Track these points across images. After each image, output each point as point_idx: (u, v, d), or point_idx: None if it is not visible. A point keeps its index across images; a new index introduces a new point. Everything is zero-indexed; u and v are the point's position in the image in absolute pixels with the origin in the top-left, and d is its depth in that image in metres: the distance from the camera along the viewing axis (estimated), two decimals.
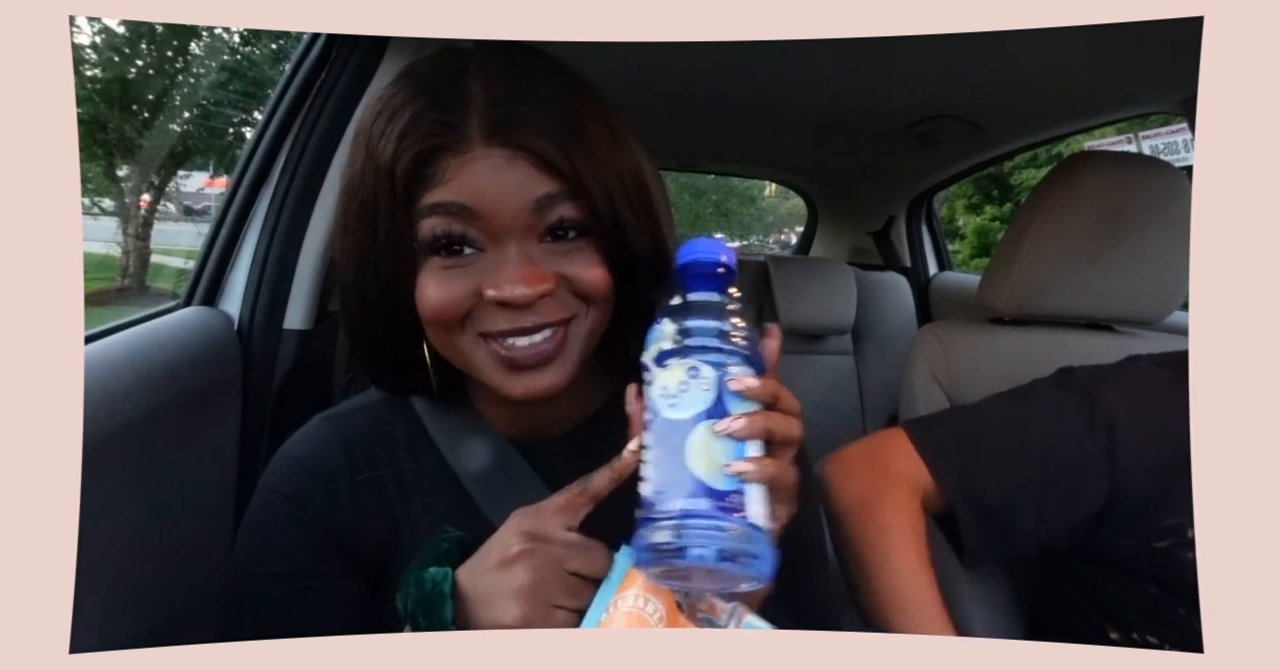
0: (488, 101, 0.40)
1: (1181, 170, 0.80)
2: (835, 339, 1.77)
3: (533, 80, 0.42)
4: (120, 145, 1.37)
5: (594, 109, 0.43)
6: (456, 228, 0.41)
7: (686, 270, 0.39)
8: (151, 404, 0.64)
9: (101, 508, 0.42)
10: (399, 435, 0.51)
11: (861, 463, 0.66)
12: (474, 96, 0.40)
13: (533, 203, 0.40)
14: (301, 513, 0.48)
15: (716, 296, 0.39)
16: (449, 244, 0.41)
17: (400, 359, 0.47)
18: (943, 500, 0.63)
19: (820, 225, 2.35)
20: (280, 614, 0.47)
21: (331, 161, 0.82)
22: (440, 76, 0.42)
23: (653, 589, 0.37)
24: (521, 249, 0.41)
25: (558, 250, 0.42)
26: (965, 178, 1.91)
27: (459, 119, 0.40)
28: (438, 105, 0.40)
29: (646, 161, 0.47)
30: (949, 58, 1.09)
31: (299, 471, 0.50)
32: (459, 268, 0.42)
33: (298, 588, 0.48)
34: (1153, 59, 0.94)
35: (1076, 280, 0.82)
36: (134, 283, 1.38)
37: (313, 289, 0.84)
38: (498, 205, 0.40)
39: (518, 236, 0.41)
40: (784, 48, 1.04)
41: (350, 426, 0.51)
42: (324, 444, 0.50)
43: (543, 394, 0.43)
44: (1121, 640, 0.61)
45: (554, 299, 0.42)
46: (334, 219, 0.46)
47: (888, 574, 0.60)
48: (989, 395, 0.70)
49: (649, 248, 0.45)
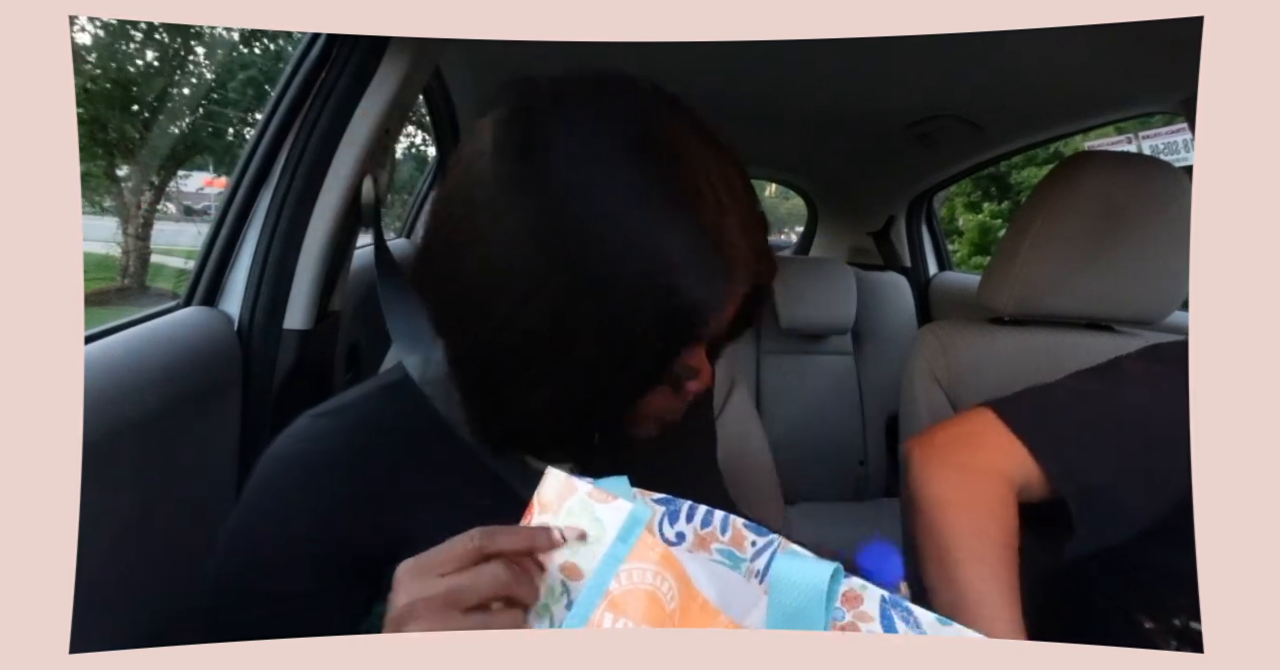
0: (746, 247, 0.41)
1: (1181, 170, 0.80)
2: (835, 339, 1.78)
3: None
4: (120, 145, 1.37)
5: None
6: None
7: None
8: (151, 404, 0.64)
9: (101, 508, 0.42)
10: (407, 426, 0.48)
11: (951, 448, 0.61)
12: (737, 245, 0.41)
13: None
14: (297, 518, 0.45)
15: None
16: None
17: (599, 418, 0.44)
18: (1047, 486, 0.58)
19: (820, 225, 2.35)
20: (270, 633, 0.42)
21: (331, 161, 0.82)
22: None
23: (668, 561, 0.35)
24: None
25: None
26: (965, 177, 1.91)
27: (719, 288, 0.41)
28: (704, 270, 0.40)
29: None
30: (949, 58, 1.09)
31: (295, 468, 0.46)
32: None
33: (292, 609, 0.44)
34: (1153, 59, 0.94)
35: (1076, 280, 0.82)
36: (134, 283, 1.38)
37: (313, 289, 0.84)
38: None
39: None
40: (784, 48, 1.04)
41: (349, 419, 0.48)
42: (320, 440, 0.47)
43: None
44: (1158, 629, 0.58)
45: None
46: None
47: (972, 585, 0.54)
48: (1066, 376, 0.66)
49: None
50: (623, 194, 0.37)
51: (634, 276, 0.37)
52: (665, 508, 0.42)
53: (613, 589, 0.35)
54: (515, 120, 0.39)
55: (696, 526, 0.42)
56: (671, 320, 0.38)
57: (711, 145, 0.40)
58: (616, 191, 0.37)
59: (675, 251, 0.37)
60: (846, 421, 1.76)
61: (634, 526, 0.36)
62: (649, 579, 0.35)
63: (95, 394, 0.54)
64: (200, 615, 0.47)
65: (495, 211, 0.38)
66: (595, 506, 0.36)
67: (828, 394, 1.75)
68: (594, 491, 0.37)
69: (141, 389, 0.63)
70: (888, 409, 1.75)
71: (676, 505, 0.43)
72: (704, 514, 0.42)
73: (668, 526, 0.42)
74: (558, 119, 0.38)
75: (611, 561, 0.35)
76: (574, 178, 0.37)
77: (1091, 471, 0.58)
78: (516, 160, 0.38)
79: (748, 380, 1.70)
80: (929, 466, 0.60)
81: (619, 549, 0.35)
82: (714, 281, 0.38)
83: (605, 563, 0.35)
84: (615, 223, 0.37)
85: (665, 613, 0.35)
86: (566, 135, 0.38)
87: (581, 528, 0.36)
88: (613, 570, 0.35)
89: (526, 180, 0.37)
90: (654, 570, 0.35)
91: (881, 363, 1.78)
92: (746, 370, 1.72)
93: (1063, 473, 0.58)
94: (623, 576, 0.35)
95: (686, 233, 0.37)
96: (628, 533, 0.35)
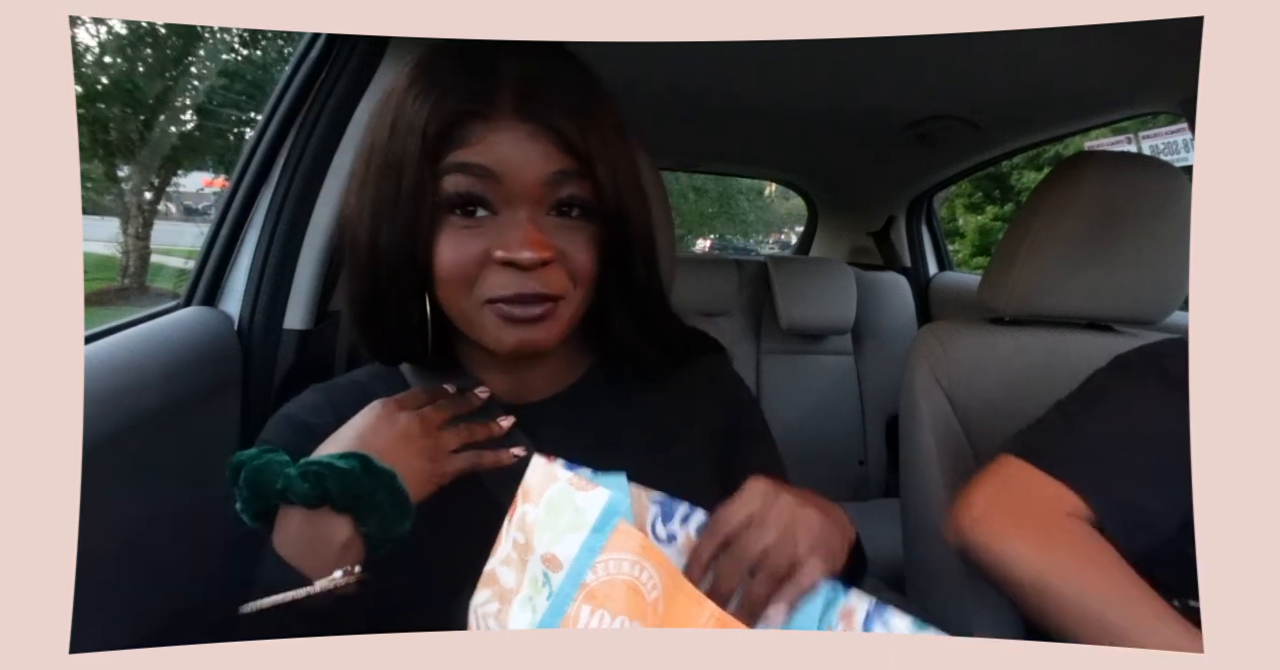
0: (520, 78, 0.44)
1: (1181, 170, 0.80)
2: (835, 339, 1.77)
3: (560, 65, 0.46)
4: (120, 145, 1.37)
5: (608, 101, 0.47)
6: (477, 188, 0.44)
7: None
8: (151, 404, 0.64)
9: (101, 508, 0.42)
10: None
11: (1012, 515, 0.59)
12: (507, 72, 0.44)
13: (548, 175, 0.44)
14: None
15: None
16: (466, 203, 0.44)
17: (401, 319, 0.48)
18: (1094, 518, 0.58)
19: (820, 225, 2.35)
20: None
21: (331, 161, 0.82)
22: (476, 52, 0.45)
23: (648, 550, 0.35)
24: (531, 216, 0.44)
25: (561, 225, 0.46)
26: (965, 178, 1.91)
27: (492, 89, 0.43)
28: (474, 75, 0.44)
29: (645, 157, 0.50)
30: (949, 58, 1.09)
31: (290, 427, 0.52)
32: (473, 228, 0.45)
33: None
34: (1153, 59, 0.94)
35: (1076, 280, 0.82)
36: (134, 283, 1.38)
37: (313, 289, 0.84)
38: (517, 172, 0.44)
39: (529, 204, 0.44)
40: (784, 48, 1.04)
41: (341, 395, 0.53)
42: (315, 409, 0.52)
43: (535, 347, 0.47)
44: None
45: (550, 271, 0.45)
46: (350, 176, 0.49)
47: (1138, 608, 0.53)
48: (1055, 406, 0.67)
49: (641, 236, 0.49)
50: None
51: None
52: (660, 507, 0.42)
53: (589, 581, 0.34)
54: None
55: (690, 531, 0.42)
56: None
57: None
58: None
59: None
60: (846, 421, 1.76)
61: (610, 516, 0.35)
62: (627, 569, 0.34)
63: (95, 394, 0.54)
64: (202, 613, 0.48)
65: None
66: (576, 494, 0.36)
67: (827, 394, 1.75)
68: (574, 479, 0.36)
69: (141, 389, 0.63)
70: (887, 409, 1.75)
71: (673, 506, 0.42)
72: (701, 520, 0.42)
73: (660, 526, 0.42)
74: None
75: (587, 553, 0.34)
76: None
77: (1123, 492, 0.59)
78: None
79: (747, 380, 1.70)
80: (1004, 541, 0.58)
81: (594, 540, 0.35)
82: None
83: (581, 554, 0.34)
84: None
85: (646, 603, 0.34)
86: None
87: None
88: (588, 562, 0.34)
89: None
90: (632, 559, 0.34)
91: (881, 363, 1.78)
92: (746, 370, 1.72)
93: (1109, 504, 0.59)
94: (599, 567, 0.34)
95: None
96: (603, 523, 0.35)
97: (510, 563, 0.38)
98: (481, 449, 0.49)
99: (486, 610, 0.38)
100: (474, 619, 0.38)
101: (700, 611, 0.36)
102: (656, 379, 0.56)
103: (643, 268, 0.50)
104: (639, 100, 1.37)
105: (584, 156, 0.44)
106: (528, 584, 0.36)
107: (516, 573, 0.37)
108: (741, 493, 0.42)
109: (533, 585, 0.36)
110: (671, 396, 0.57)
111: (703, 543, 0.40)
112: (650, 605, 0.34)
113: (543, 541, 0.36)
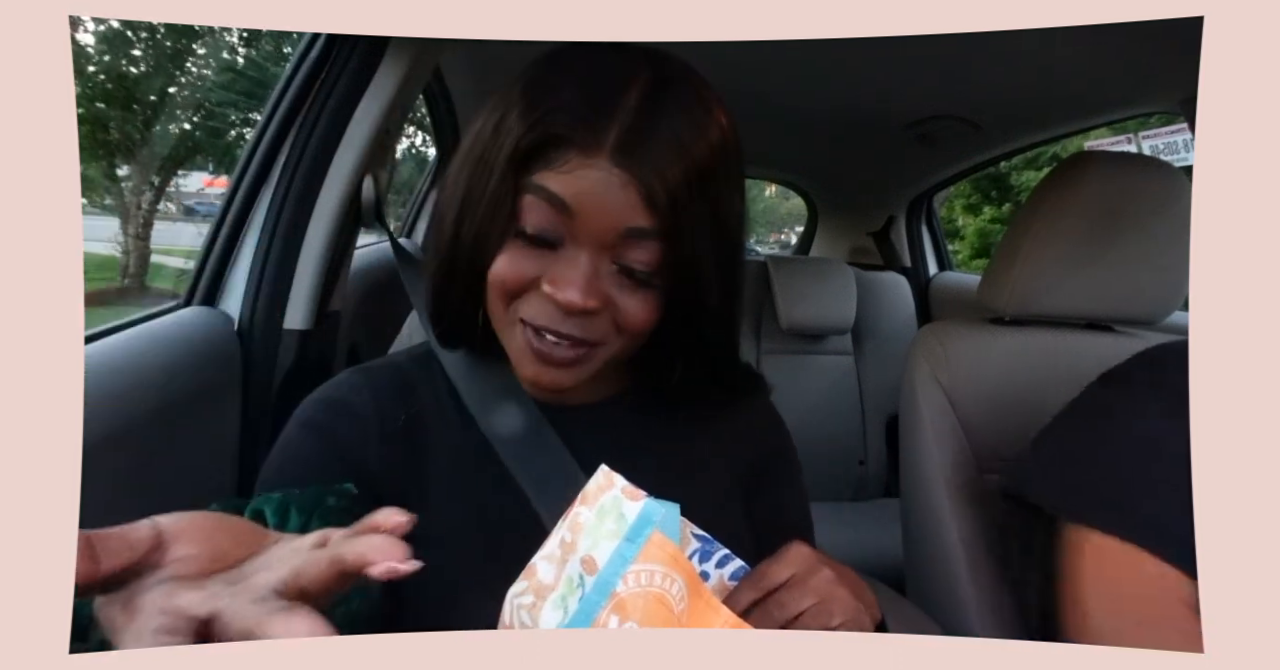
0: (636, 115, 0.41)
1: (1181, 170, 0.80)
2: (835, 339, 1.78)
3: (680, 118, 0.42)
4: (120, 145, 1.37)
5: (726, 157, 0.44)
6: (548, 218, 0.42)
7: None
8: (151, 404, 0.64)
9: (101, 508, 0.42)
10: (426, 394, 0.52)
11: (1123, 618, 0.55)
12: (625, 109, 0.41)
13: (624, 229, 0.42)
14: (331, 447, 0.49)
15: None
16: (534, 234, 0.43)
17: (462, 307, 0.48)
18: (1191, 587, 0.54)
19: (820, 225, 2.35)
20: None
21: (331, 161, 0.83)
22: (610, 73, 0.43)
23: (678, 561, 0.35)
24: (593, 262, 0.43)
25: (622, 279, 0.44)
26: (965, 178, 1.91)
27: (601, 122, 0.41)
28: (591, 98, 0.42)
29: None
30: (949, 58, 1.09)
31: (330, 408, 0.51)
32: (533, 250, 0.43)
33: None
34: (1153, 59, 0.94)
35: (1076, 280, 0.82)
36: (134, 283, 1.38)
37: (313, 289, 0.84)
38: (592, 214, 0.41)
39: (593, 249, 0.42)
40: (784, 48, 1.04)
41: (380, 378, 0.53)
42: (354, 389, 0.51)
43: (553, 386, 0.46)
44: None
45: (595, 318, 0.44)
46: (456, 155, 0.48)
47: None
48: (1073, 436, 0.63)
49: (717, 303, 0.47)
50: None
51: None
52: (701, 544, 0.41)
53: (620, 590, 0.34)
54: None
55: (724, 576, 0.42)
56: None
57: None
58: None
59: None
60: (846, 421, 1.76)
61: (643, 526, 0.35)
62: (658, 581, 0.34)
63: (95, 394, 0.54)
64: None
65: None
66: (625, 503, 0.36)
67: (827, 394, 1.75)
68: (627, 487, 0.37)
69: (141, 389, 0.63)
70: (887, 409, 1.75)
71: (712, 546, 0.41)
72: (736, 567, 0.42)
73: (696, 562, 0.41)
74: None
75: (619, 561, 0.35)
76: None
77: (1151, 512, 0.55)
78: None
79: None
80: (1123, 640, 0.54)
81: (626, 549, 0.35)
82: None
83: (613, 562, 0.35)
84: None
85: (672, 615, 0.35)
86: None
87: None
88: (620, 571, 0.34)
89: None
90: (663, 572, 0.35)
91: (881, 363, 1.78)
92: None
93: (1169, 541, 0.54)
94: (630, 578, 0.34)
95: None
96: (636, 532, 0.35)
97: (553, 559, 0.38)
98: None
99: (521, 602, 0.38)
100: (508, 609, 0.39)
101: (715, 617, 0.36)
102: (699, 408, 0.55)
103: (712, 330, 0.48)
104: None
105: (667, 222, 0.42)
106: (564, 583, 0.36)
107: (556, 570, 0.37)
108: (787, 553, 0.41)
109: (568, 585, 0.36)
110: (709, 427, 0.56)
111: (743, 591, 0.40)
112: (676, 617, 0.35)
113: (585, 544, 0.36)
